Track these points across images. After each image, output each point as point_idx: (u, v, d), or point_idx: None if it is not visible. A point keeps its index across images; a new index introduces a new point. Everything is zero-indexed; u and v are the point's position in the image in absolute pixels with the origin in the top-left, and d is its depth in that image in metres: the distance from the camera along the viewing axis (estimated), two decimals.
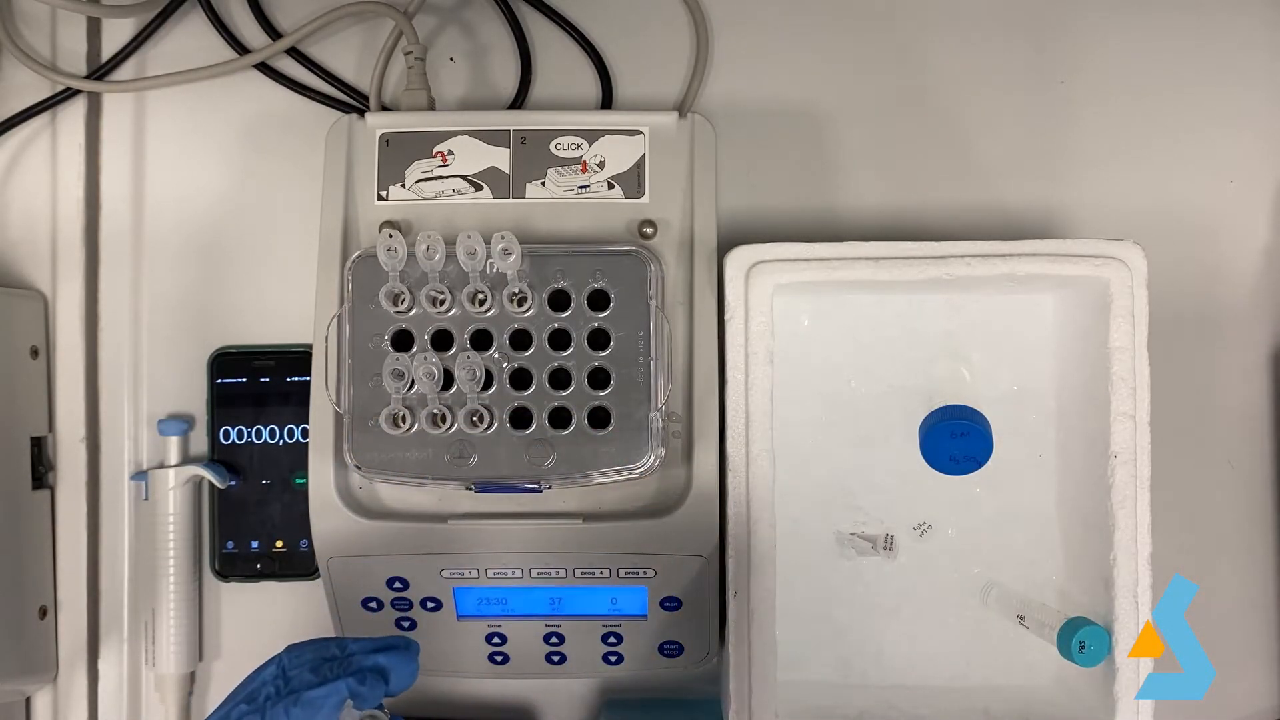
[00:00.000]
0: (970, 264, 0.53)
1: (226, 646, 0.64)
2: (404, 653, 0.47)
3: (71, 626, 0.63)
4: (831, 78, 0.64)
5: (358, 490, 0.56)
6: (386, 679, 0.46)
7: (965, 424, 0.55)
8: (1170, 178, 0.64)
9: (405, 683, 0.46)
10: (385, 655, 0.46)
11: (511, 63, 0.64)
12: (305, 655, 0.46)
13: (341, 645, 0.46)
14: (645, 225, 0.56)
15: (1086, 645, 0.52)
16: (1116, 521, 0.53)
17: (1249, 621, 0.64)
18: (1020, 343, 0.58)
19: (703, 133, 0.57)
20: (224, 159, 0.64)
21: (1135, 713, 0.53)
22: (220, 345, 0.63)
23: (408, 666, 0.47)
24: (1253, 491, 0.64)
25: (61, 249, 0.64)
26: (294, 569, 0.63)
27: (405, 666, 0.46)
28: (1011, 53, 0.64)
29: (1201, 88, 0.64)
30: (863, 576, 0.60)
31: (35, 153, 0.64)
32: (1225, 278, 0.64)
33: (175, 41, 0.64)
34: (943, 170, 0.64)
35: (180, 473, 0.61)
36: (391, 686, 0.46)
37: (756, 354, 0.53)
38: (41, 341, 0.63)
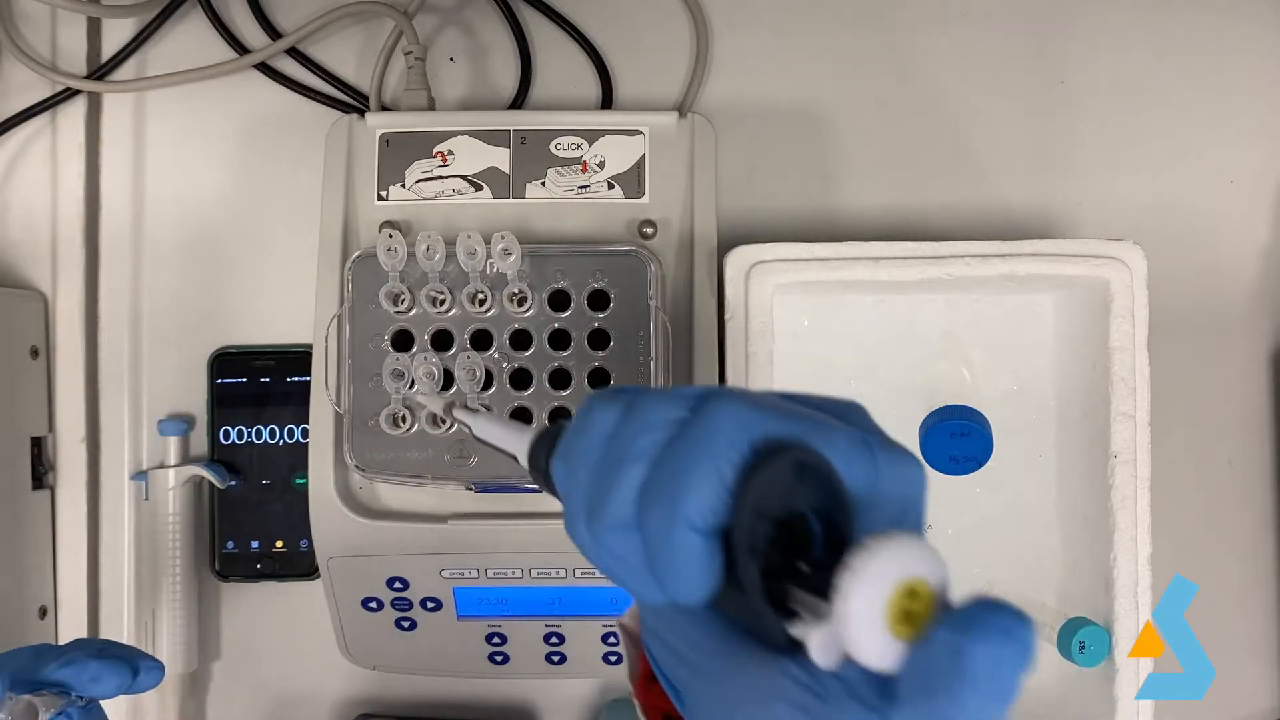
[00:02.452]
0: (970, 264, 0.53)
1: (226, 647, 0.64)
2: (114, 663, 0.44)
3: (71, 627, 0.63)
4: (831, 78, 0.64)
5: (358, 490, 0.56)
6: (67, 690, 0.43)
7: (965, 424, 0.55)
8: (1170, 178, 0.64)
9: (99, 691, 0.43)
10: (73, 668, 0.43)
11: (511, 63, 0.64)
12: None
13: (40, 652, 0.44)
14: (645, 225, 0.56)
15: (1086, 645, 0.52)
16: (1116, 521, 0.53)
17: (1249, 621, 0.64)
18: (1020, 343, 0.58)
19: (703, 133, 0.57)
20: (224, 159, 0.64)
21: (1135, 713, 0.53)
22: (220, 345, 0.63)
23: (112, 678, 0.43)
24: (1253, 491, 0.64)
25: (61, 249, 0.63)
26: (294, 569, 0.63)
27: (111, 677, 0.43)
28: (1012, 53, 0.64)
29: (1202, 88, 0.64)
30: None
31: (35, 153, 0.64)
32: (1225, 278, 0.64)
33: (175, 41, 0.64)
34: (943, 170, 0.64)
35: (180, 473, 0.61)
36: (87, 691, 0.43)
37: (756, 354, 0.53)
38: (41, 341, 0.63)
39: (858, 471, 0.28)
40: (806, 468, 0.27)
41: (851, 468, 0.28)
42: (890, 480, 0.29)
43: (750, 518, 0.27)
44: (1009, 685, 0.24)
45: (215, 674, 0.64)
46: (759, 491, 0.27)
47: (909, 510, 0.29)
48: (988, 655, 0.23)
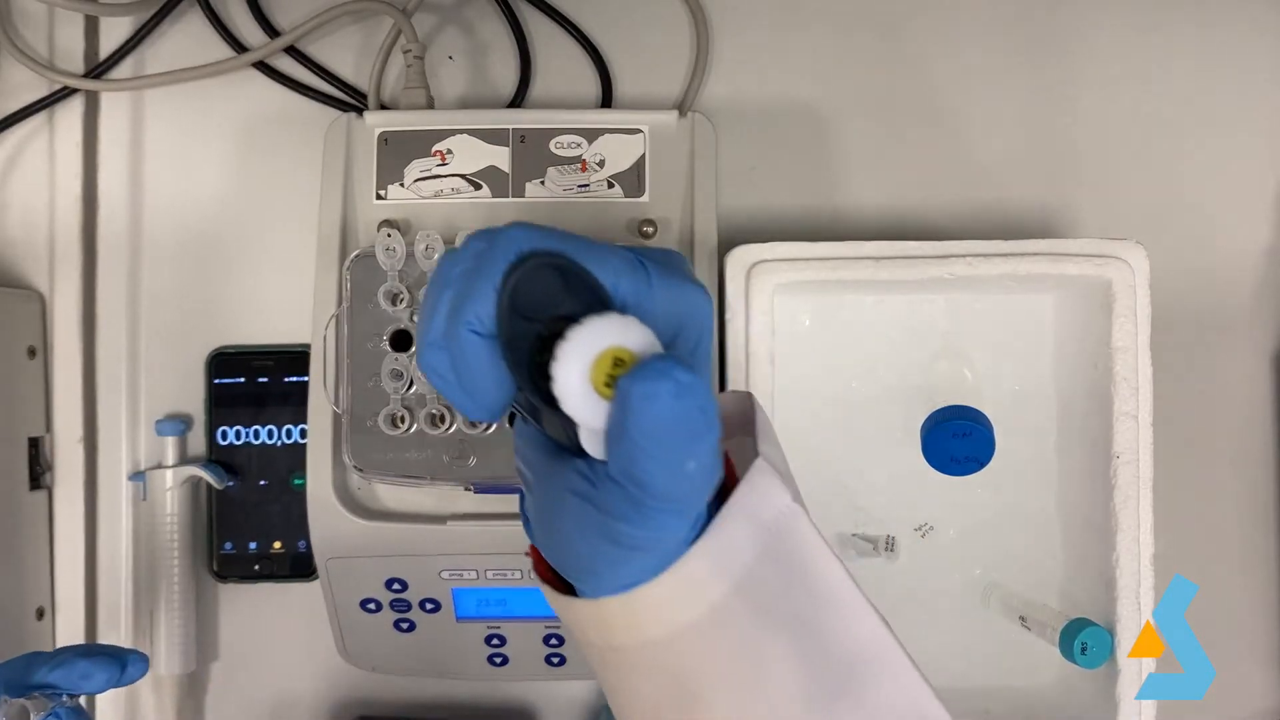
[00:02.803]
0: (971, 264, 0.53)
1: (225, 648, 0.64)
2: (97, 659, 0.45)
3: (69, 628, 0.63)
4: (831, 78, 0.64)
5: (356, 491, 0.56)
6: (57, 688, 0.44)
7: (967, 424, 0.55)
8: (1172, 177, 0.64)
9: (91, 686, 0.45)
10: (64, 669, 0.44)
11: (511, 61, 0.63)
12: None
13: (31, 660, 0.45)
14: (645, 225, 0.55)
15: (1088, 647, 0.52)
16: (1119, 522, 0.53)
17: (1250, 621, 0.64)
18: (1022, 342, 0.58)
19: (703, 132, 0.57)
20: (222, 158, 0.64)
21: (1138, 714, 0.53)
22: (218, 345, 0.63)
23: (101, 672, 0.45)
24: (1255, 491, 0.64)
25: (59, 248, 0.63)
26: (292, 570, 0.62)
27: (100, 672, 0.45)
28: (1012, 52, 0.64)
29: (1203, 87, 0.64)
30: (863, 578, 0.59)
31: (33, 152, 0.64)
32: (1227, 277, 0.64)
33: (173, 40, 0.64)
34: (943, 170, 0.63)
35: (178, 473, 0.61)
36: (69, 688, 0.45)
37: (757, 354, 0.53)
38: (39, 341, 0.63)
39: (627, 286, 0.31)
40: (570, 278, 0.31)
41: (621, 282, 0.31)
42: (666, 300, 0.32)
43: (508, 313, 0.30)
44: (667, 418, 0.28)
45: (213, 675, 0.64)
46: (519, 291, 0.30)
47: (686, 326, 0.33)
48: (641, 391, 0.28)
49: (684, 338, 0.33)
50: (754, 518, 0.33)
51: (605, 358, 0.29)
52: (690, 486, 0.30)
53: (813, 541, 0.34)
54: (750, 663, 0.33)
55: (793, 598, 0.34)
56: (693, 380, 0.28)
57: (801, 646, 0.34)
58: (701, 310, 0.33)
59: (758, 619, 0.33)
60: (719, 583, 0.33)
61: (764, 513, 0.34)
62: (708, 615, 0.33)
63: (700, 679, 0.34)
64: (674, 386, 0.28)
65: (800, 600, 0.34)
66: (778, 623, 0.33)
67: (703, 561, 0.32)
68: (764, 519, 0.34)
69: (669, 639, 0.33)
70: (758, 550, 0.33)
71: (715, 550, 0.33)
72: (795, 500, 0.34)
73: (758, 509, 0.34)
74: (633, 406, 0.28)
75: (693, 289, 0.33)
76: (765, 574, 0.33)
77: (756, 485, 0.34)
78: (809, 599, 0.34)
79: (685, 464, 0.29)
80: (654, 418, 0.28)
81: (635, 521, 0.31)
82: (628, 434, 0.29)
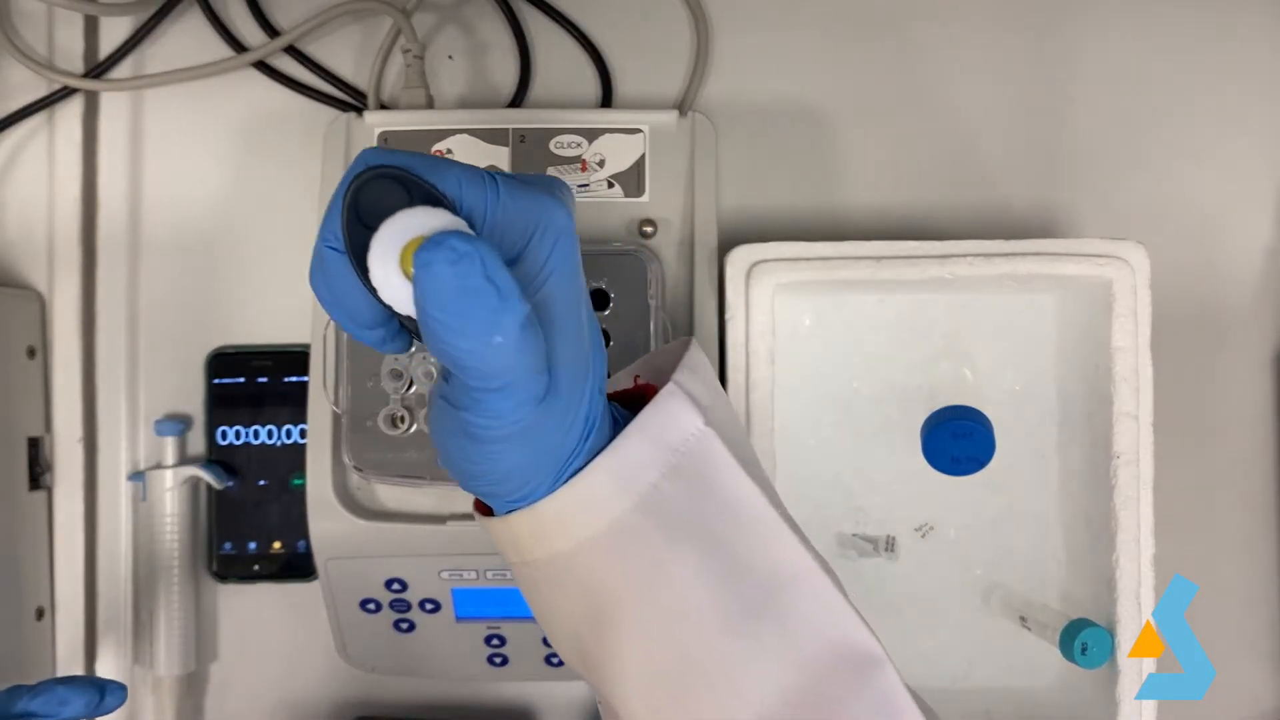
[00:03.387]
0: (972, 263, 0.53)
1: (224, 648, 0.64)
2: (77, 687, 0.45)
3: (69, 628, 0.63)
4: (831, 77, 0.64)
5: (356, 491, 0.56)
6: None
7: (967, 424, 0.55)
8: (1172, 177, 0.64)
9: (69, 713, 0.45)
10: (43, 697, 0.44)
11: (511, 61, 0.63)
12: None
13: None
14: (645, 224, 0.55)
15: (1089, 647, 0.52)
16: (1119, 522, 0.53)
17: (1250, 622, 0.64)
18: (1022, 342, 0.58)
19: (703, 131, 0.57)
20: (222, 158, 0.64)
21: (1138, 714, 0.53)
22: (217, 345, 0.63)
23: (80, 698, 0.45)
24: (1255, 492, 0.64)
25: (58, 248, 0.63)
26: (292, 570, 0.62)
27: (79, 698, 0.45)
28: (1012, 52, 0.64)
29: (1204, 86, 0.64)
30: (864, 578, 0.59)
31: (32, 152, 0.64)
32: (1228, 277, 0.64)
33: (173, 40, 0.64)
34: (943, 169, 0.63)
35: (177, 473, 0.61)
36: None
37: (757, 354, 0.53)
38: (38, 341, 0.63)
39: (471, 195, 0.32)
40: (412, 189, 0.32)
41: (464, 192, 0.32)
42: (515, 209, 0.33)
43: (350, 224, 0.32)
44: (448, 284, 0.29)
45: (213, 675, 0.64)
46: (360, 203, 0.32)
47: (538, 234, 0.33)
48: (420, 261, 0.29)
49: (536, 244, 0.33)
50: (658, 439, 0.35)
51: (413, 245, 0.30)
52: (502, 362, 0.31)
53: (727, 465, 0.36)
54: (659, 578, 0.35)
55: (705, 518, 0.35)
56: (471, 249, 0.29)
57: (715, 565, 0.35)
58: (553, 217, 0.34)
59: (666, 536, 0.34)
60: (621, 498, 0.34)
61: (670, 435, 0.35)
62: (610, 529, 0.34)
63: (609, 592, 0.35)
64: (449, 254, 0.29)
65: (713, 521, 0.35)
66: (688, 541, 0.35)
67: (602, 477, 0.34)
68: (669, 441, 0.35)
69: (574, 552, 0.35)
70: (663, 470, 0.35)
71: (615, 467, 0.34)
72: (710, 425, 0.35)
73: (663, 431, 0.35)
74: (416, 278, 0.29)
75: (545, 198, 0.34)
76: (673, 493, 0.35)
77: (662, 408, 0.35)
78: (723, 520, 0.35)
79: (490, 337, 0.30)
80: (434, 284, 0.29)
81: (470, 408, 0.32)
82: (422, 310, 0.30)
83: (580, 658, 0.38)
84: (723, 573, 0.35)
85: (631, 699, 0.36)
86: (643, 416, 0.35)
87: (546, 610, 0.38)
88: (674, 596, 0.35)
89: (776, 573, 0.36)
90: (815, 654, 0.35)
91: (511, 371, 0.31)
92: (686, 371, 0.37)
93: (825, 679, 0.35)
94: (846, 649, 0.36)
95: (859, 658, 0.36)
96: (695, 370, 0.38)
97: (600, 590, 0.35)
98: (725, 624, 0.35)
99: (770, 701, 0.34)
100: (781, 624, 0.35)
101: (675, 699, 0.35)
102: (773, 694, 0.34)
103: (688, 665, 0.35)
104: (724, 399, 0.39)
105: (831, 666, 0.35)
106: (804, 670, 0.35)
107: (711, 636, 0.35)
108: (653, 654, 0.35)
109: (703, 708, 0.35)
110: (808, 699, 0.35)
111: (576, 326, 0.34)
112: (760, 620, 0.35)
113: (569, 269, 0.34)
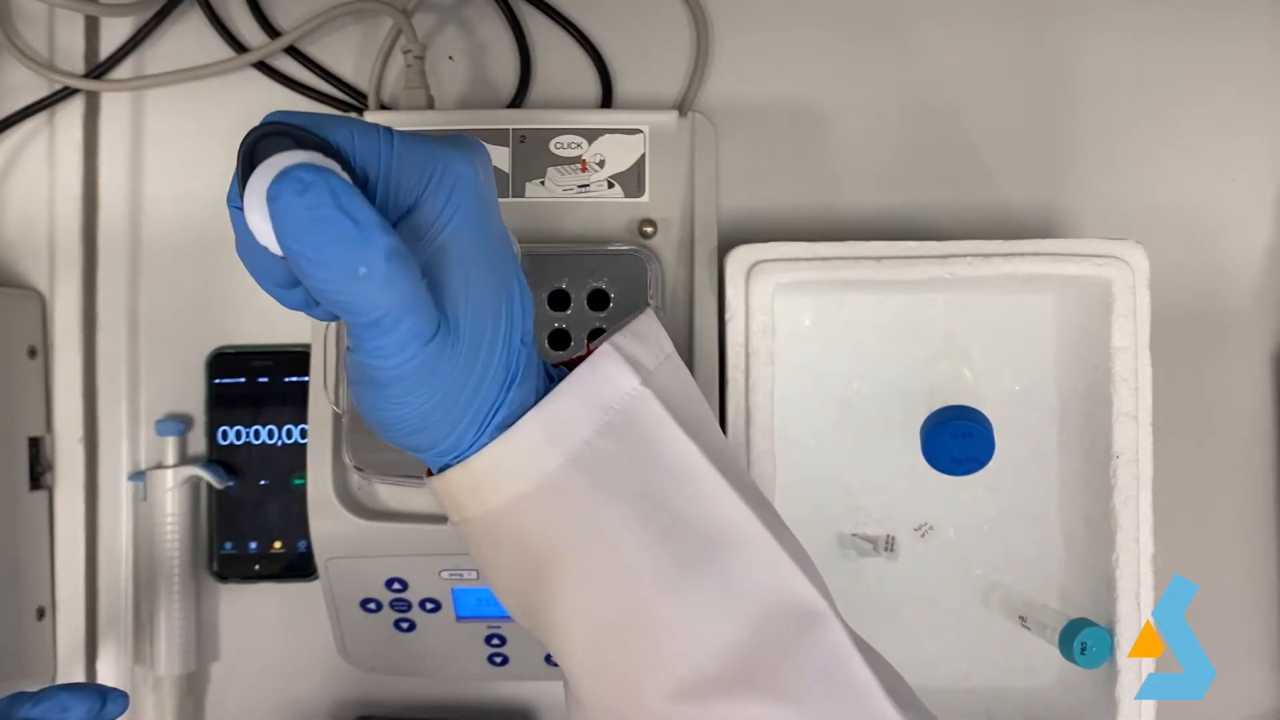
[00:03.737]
0: (972, 263, 0.53)
1: (225, 648, 0.64)
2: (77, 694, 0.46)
3: (69, 628, 0.63)
4: (831, 78, 0.64)
5: (356, 491, 0.56)
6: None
7: (967, 424, 0.55)
8: (1172, 177, 0.64)
9: (71, 718, 0.45)
10: (45, 703, 0.45)
11: (511, 61, 0.63)
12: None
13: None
14: (645, 225, 0.55)
15: (1088, 647, 0.52)
16: (1119, 522, 0.53)
17: (1250, 621, 0.64)
18: (1022, 342, 0.58)
19: (703, 132, 0.57)
20: (222, 158, 0.64)
21: (1138, 714, 0.53)
22: (218, 345, 0.63)
23: (82, 704, 0.45)
24: (1255, 492, 0.64)
25: (59, 248, 0.63)
26: (293, 570, 0.62)
27: (81, 704, 0.45)
28: (1012, 52, 0.64)
29: (1204, 86, 0.64)
30: (863, 578, 0.59)
31: (33, 152, 0.64)
32: (1228, 277, 0.64)
33: (173, 40, 0.64)
34: (943, 170, 0.63)
35: (178, 473, 0.61)
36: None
37: (757, 354, 0.53)
38: (39, 341, 0.63)
39: (363, 148, 0.32)
40: (305, 144, 0.32)
41: (358, 146, 0.32)
42: (410, 161, 0.33)
43: (246, 174, 0.31)
44: (299, 214, 0.29)
45: (213, 675, 0.64)
46: (253, 159, 0.31)
47: (432, 179, 0.33)
48: (271, 194, 0.29)
49: (432, 191, 0.33)
50: (592, 396, 0.35)
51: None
52: (372, 295, 0.30)
53: (665, 425, 0.36)
54: (595, 534, 0.35)
55: (641, 475, 0.35)
56: (317, 178, 0.29)
57: (652, 522, 0.35)
58: (450, 164, 0.33)
59: (600, 493, 0.35)
60: (553, 454, 0.35)
61: (603, 393, 0.36)
62: (543, 485, 0.35)
63: (546, 548, 0.35)
64: (296, 184, 0.29)
65: (650, 478, 0.36)
66: (623, 499, 0.35)
67: (533, 430, 0.35)
68: (603, 398, 0.35)
69: (507, 508, 0.35)
70: (597, 427, 0.35)
71: (546, 422, 0.35)
72: (647, 385, 0.36)
73: (597, 389, 0.36)
74: (271, 212, 0.29)
75: (444, 150, 0.33)
76: (608, 450, 0.35)
77: (597, 367, 0.36)
78: (660, 477, 0.36)
79: (354, 269, 0.29)
80: (283, 215, 0.29)
81: (356, 348, 0.33)
82: (281, 244, 0.30)
83: (526, 616, 0.38)
84: (660, 530, 0.35)
85: (574, 654, 0.36)
86: (576, 374, 0.36)
87: (489, 568, 0.38)
88: (611, 553, 0.35)
89: (717, 530, 0.36)
90: (757, 609, 0.35)
91: (384, 305, 0.31)
92: (629, 334, 0.38)
93: (768, 633, 0.35)
94: (789, 604, 0.36)
95: (802, 612, 0.36)
96: (641, 335, 0.38)
97: (537, 547, 0.36)
98: (663, 580, 0.35)
99: (711, 656, 0.35)
100: (722, 580, 0.35)
101: (616, 654, 0.35)
102: (714, 649, 0.35)
103: (627, 621, 0.35)
104: (676, 364, 0.39)
105: (774, 621, 0.35)
106: (745, 625, 0.35)
107: (650, 592, 0.35)
108: (592, 610, 0.36)
109: (644, 663, 0.35)
110: (750, 653, 0.35)
111: (483, 272, 0.34)
112: (699, 576, 0.35)
113: (472, 216, 0.34)
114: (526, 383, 0.35)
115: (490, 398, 0.35)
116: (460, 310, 0.34)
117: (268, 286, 0.35)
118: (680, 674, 0.35)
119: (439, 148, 0.34)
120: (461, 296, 0.33)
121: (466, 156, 0.34)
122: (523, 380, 0.35)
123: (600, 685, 0.36)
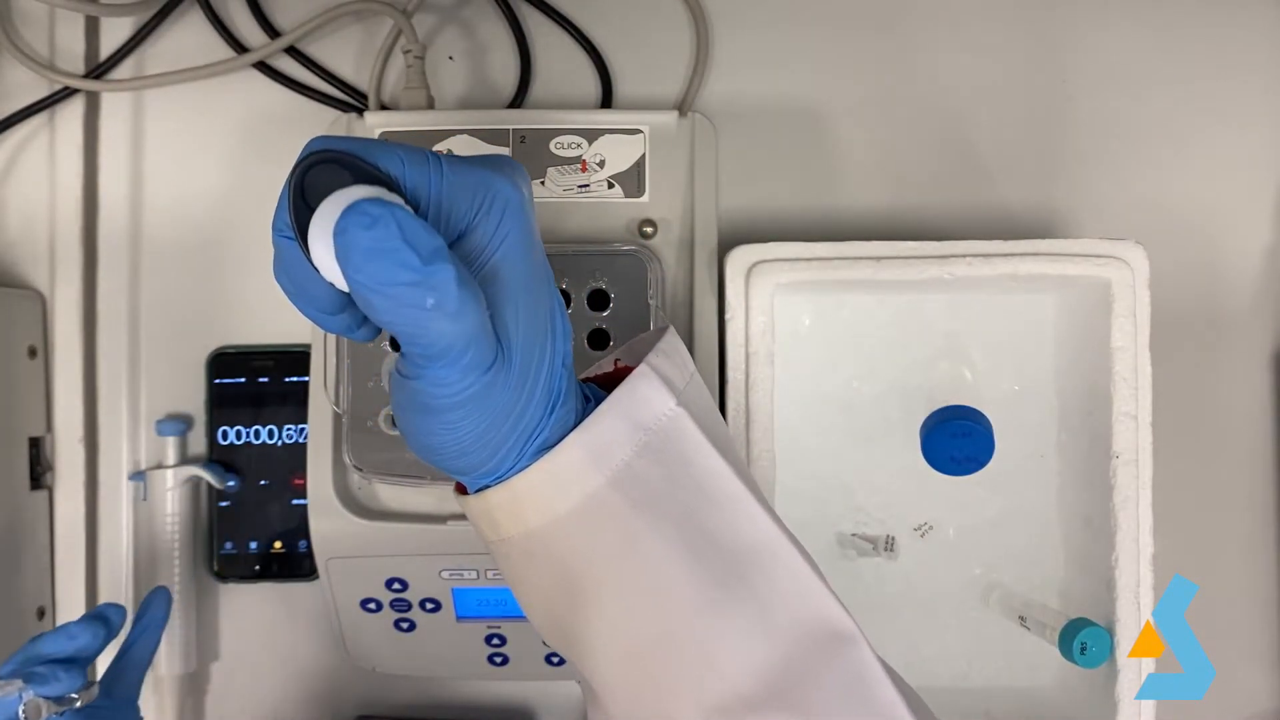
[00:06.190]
0: (971, 264, 0.53)
1: (225, 648, 0.64)
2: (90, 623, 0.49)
3: None
4: (831, 78, 0.64)
5: (357, 491, 0.56)
6: (74, 660, 0.48)
7: (966, 424, 0.55)
8: (1172, 177, 0.64)
9: (82, 643, 0.48)
10: (59, 637, 0.48)
11: (511, 61, 0.63)
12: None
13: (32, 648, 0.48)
14: (645, 225, 0.56)
15: (1088, 646, 0.52)
16: (1118, 522, 0.53)
17: (1250, 621, 0.64)
18: (1021, 343, 0.58)
19: (703, 132, 0.57)
20: (223, 158, 0.64)
21: (1138, 714, 0.53)
22: (218, 345, 0.63)
23: (103, 628, 0.49)
24: (1254, 492, 0.64)
25: (59, 248, 0.63)
26: (293, 570, 0.62)
27: (100, 629, 0.48)
28: (1012, 52, 0.64)
29: (1203, 86, 0.64)
30: (863, 578, 0.59)
31: (33, 152, 0.64)
32: (1227, 277, 0.64)
33: (174, 40, 0.64)
34: (943, 170, 0.63)
35: (178, 473, 0.61)
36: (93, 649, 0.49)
37: (757, 354, 0.53)
38: (39, 341, 0.63)
39: (414, 175, 0.32)
40: (357, 172, 0.32)
41: (409, 173, 0.32)
42: (460, 186, 0.33)
43: (298, 209, 0.32)
44: (365, 248, 0.29)
45: (214, 675, 0.64)
46: (305, 187, 0.32)
47: (483, 204, 0.33)
48: (338, 229, 0.29)
49: (483, 217, 0.33)
50: (630, 417, 0.36)
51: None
52: (440, 326, 0.30)
53: (699, 444, 0.36)
54: (633, 554, 0.35)
55: (678, 496, 0.36)
56: (384, 211, 0.29)
57: (688, 542, 0.35)
58: (499, 190, 0.33)
59: (639, 513, 0.35)
60: (594, 475, 0.35)
61: (642, 414, 0.36)
62: (584, 505, 0.35)
63: (584, 567, 0.36)
64: (363, 219, 0.29)
65: (686, 499, 0.36)
66: (661, 518, 0.35)
67: (576, 452, 0.35)
68: (641, 419, 0.36)
69: (548, 528, 0.35)
70: (636, 447, 0.35)
71: (588, 443, 0.35)
72: (682, 405, 0.36)
73: (635, 410, 0.36)
74: (337, 246, 0.30)
75: (491, 174, 0.34)
76: (646, 471, 0.35)
77: (636, 388, 0.36)
78: (696, 498, 0.36)
79: (422, 301, 0.30)
80: (350, 249, 0.29)
81: (418, 376, 0.32)
82: (350, 279, 0.30)
83: (557, 634, 0.38)
84: (696, 549, 0.35)
85: (607, 674, 0.36)
86: (615, 395, 0.36)
87: (523, 587, 0.38)
88: (648, 573, 0.35)
89: (750, 549, 0.36)
90: (788, 630, 0.36)
91: (451, 336, 0.31)
92: (660, 354, 0.38)
93: (798, 654, 0.35)
94: (819, 625, 0.36)
95: (831, 634, 0.36)
96: (670, 354, 0.38)
97: (575, 567, 0.36)
98: (699, 600, 0.35)
99: (744, 676, 0.35)
100: (755, 600, 0.36)
101: (650, 674, 0.36)
102: (747, 669, 0.35)
103: (662, 641, 0.35)
104: (699, 383, 0.40)
105: (804, 642, 0.36)
106: (777, 646, 0.35)
107: (686, 612, 0.35)
108: (627, 630, 0.36)
109: (677, 683, 0.35)
110: (780, 674, 0.35)
111: (531, 297, 0.34)
112: (734, 596, 0.35)
113: (520, 241, 0.34)
114: (567, 404, 0.36)
115: (535, 420, 0.35)
116: (513, 336, 0.34)
117: (310, 312, 0.35)
118: (715, 692, 0.35)
119: (487, 172, 0.33)
120: (514, 322, 0.34)
121: (512, 179, 0.34)
122: (564, 402, 0.35)
123: (633, 702, 0.36)
